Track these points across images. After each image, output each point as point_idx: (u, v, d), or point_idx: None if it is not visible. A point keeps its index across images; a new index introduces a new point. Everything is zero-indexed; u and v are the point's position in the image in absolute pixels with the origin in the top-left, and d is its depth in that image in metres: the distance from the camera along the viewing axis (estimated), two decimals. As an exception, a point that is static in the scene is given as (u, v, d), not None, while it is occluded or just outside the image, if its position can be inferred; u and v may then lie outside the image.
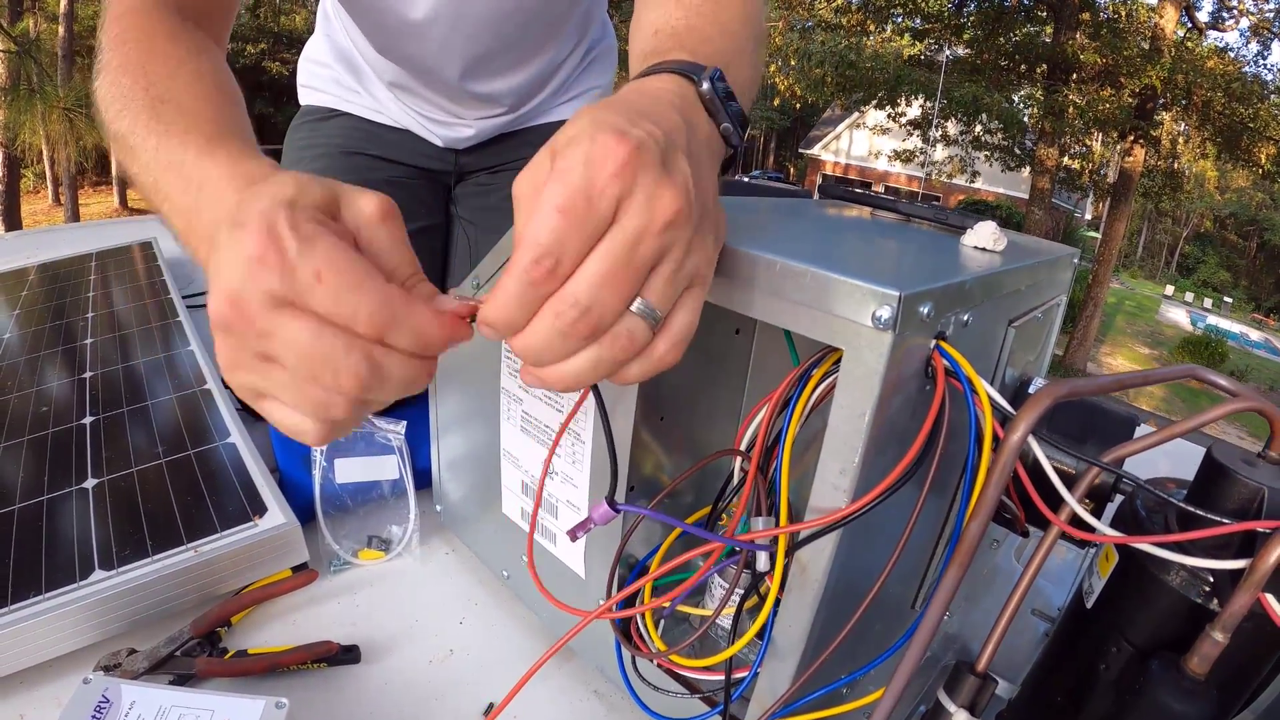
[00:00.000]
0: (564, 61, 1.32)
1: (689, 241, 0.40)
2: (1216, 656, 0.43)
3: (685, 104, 0.48)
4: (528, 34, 1.17)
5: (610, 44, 1.44)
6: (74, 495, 0.83)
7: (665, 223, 0.38)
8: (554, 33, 1.22)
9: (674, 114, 0.44)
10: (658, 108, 0.44)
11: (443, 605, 0.80)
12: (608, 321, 0.38)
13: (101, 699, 0.57)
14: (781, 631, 0.51)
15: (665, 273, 0.39)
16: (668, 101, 0.46)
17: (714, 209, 0.44)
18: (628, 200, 0.37)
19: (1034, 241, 0.81)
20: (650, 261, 0.38)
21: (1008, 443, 0.42)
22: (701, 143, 0.46)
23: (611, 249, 0.37)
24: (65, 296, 1.53)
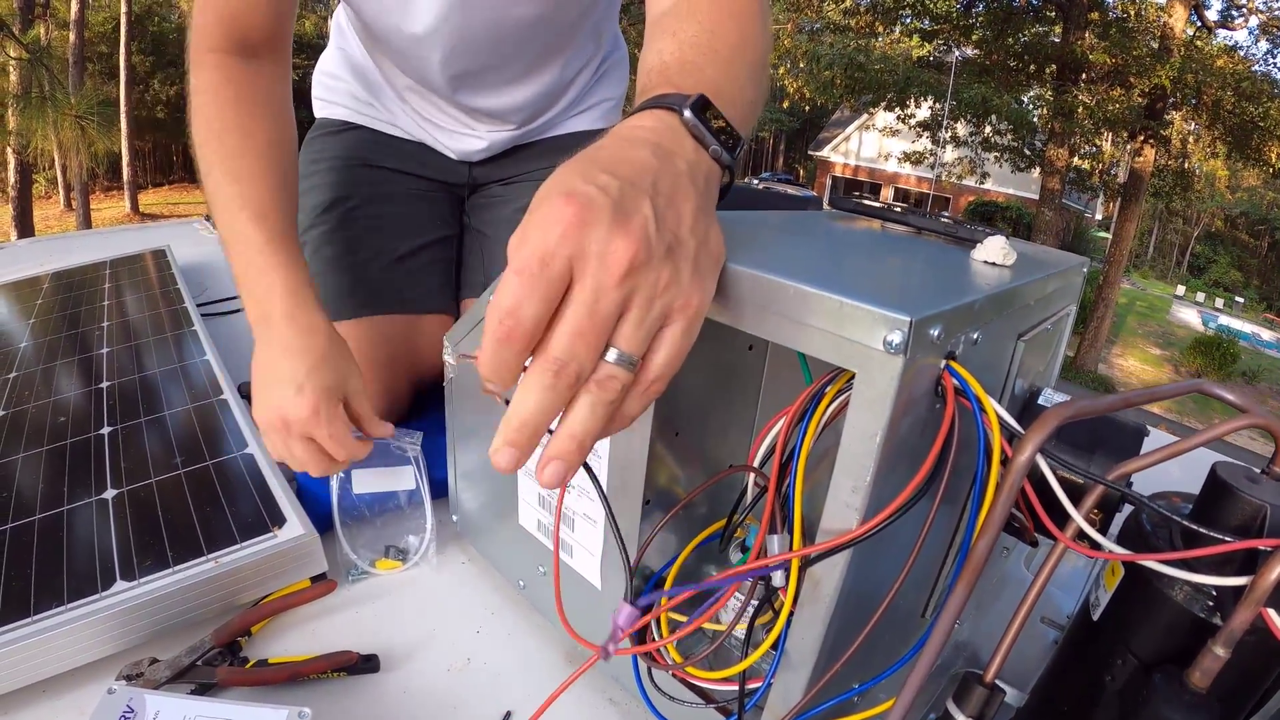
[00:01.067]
0: (575, 78, 1.32)
1: (655, 282, 0.42)
2: (1218, 670, 0.43)
3: (665, 136, 0.50)
4: (525, 52, 1.18)
5: (621, 55, 1.44)
6: (94, 506, 0.84)
7: (622, 274, 0.40)
8: (558, 50, 1.22)
9: (643, 152, 0.47)
10: (627, 150, 0.47)
11: (460, 614, 0.81)
12: (586, 372, 0.41)
13: (127, 709, 0.58)
14: (795, 643, 0.52)
15: (633, 319, 0.42)
16: (641, 139, 0.48)
17: (695, 236, 0.45)
18: (581, 259, 0.40)
19: (1044, 252, 0.81)
20: (615, 312, 0.41)
21: (1015, 463, 0.43)
22: (681, 173, 0.47)
23: (574, 308, 0.40)
24: (80, 305, 1.55)
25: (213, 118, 0.86)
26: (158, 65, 22.22)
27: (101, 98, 8.64)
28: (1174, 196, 14.03)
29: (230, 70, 0.89)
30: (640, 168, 0.45)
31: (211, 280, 1.92)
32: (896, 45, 14.11)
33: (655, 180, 0.45)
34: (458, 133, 1.29)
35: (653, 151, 0.47)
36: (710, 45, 0.66)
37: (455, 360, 0.41)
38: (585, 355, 0.40)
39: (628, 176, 0.43)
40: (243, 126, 0.86)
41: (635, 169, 0.45)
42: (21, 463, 0.94)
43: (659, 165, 0.46)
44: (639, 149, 0.47)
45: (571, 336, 0.40)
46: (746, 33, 0.70)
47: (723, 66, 0.65)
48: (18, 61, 8.05)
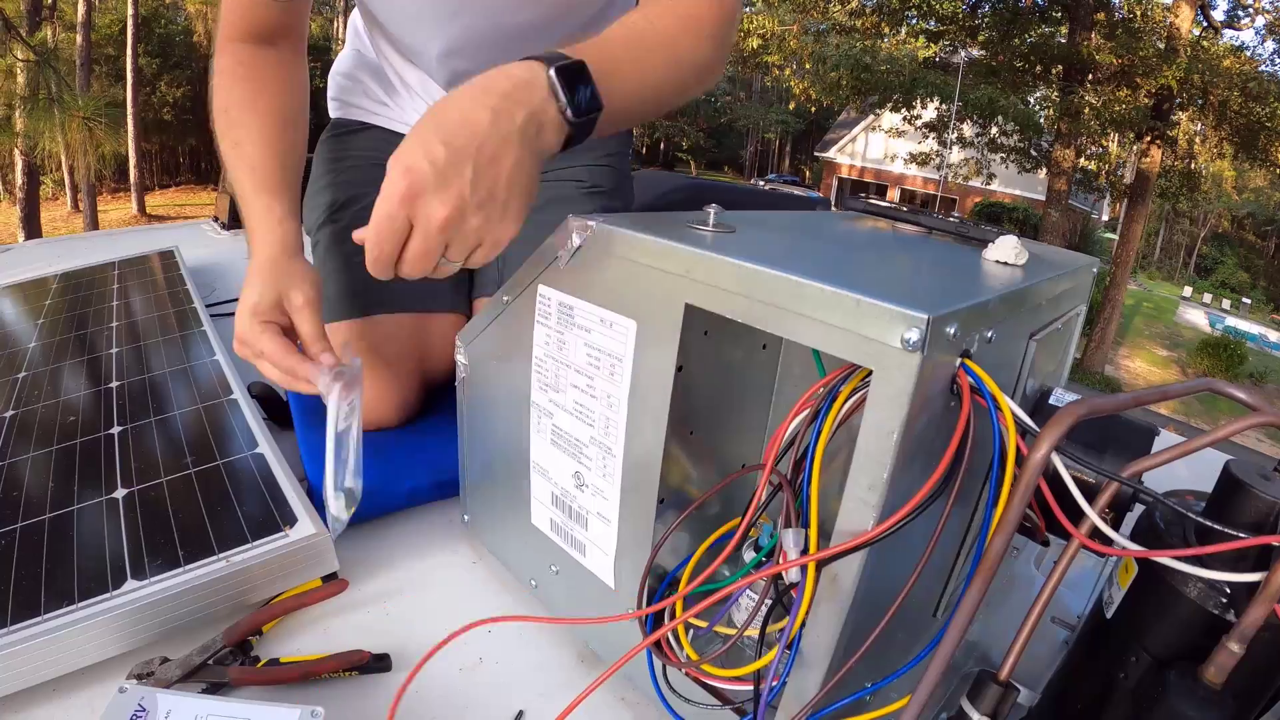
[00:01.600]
0: None
1: (468, 228, 0.62)
2: (1232, 667, 0.43)
3: (520, 87, 0.64)
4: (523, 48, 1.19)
5: None
6: (104, 505, 0.84)
7: (439, 229, 0.61)
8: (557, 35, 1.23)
9: (483, 114, 0.61)
10: (471, 111, 0.62)
11: (471, 614, 0.81)
12: (429, 269, 0.64)
13: (138, 708, 0.58)
14: (809, 642, 0.52)
15: (453, 250, 0.63)
16: (494, 91, 0.63)
17: (509, 186, 0.63)
18: (413, 218, 0.61)
19: (1054, 252, 0.81)
20: (439, 247, 0.62)
21: (1031, 461, 0.43)
22: (512, 131, 0.62)
23: (412, 244, 0.62)
24: (88, 306, 1.55)
25: (224, 95, 0.97)
26: (164, 67, 22.28)
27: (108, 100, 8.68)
28: (1181, 197, 14.00)
29: (244, 55, 1.00)
30: (473, 133, 0.61)
31: (220, 281, 1.93)
32: (902, 46, 14.10)
33: (482, 143, 0.61)
34: None
35: (493, 111, 0.62)
36: (641, 34, 0.79)
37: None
38: (425, 265, 0.63)
39: (459, 145, 0.60)
40: (246, 99, 0.97)
41: (468, 135, 0.60)
42: (31, 462, 0.94)
43: (490, 127, 0.61)
44: (481, 110, 0.61)
45: (412, 261, 0.63)
46: (685, 36, 0.82)
47: (640, 52, 0.78)
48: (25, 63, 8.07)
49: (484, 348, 0.78)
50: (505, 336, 0.74)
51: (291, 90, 1.03)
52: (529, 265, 0.68)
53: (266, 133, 0.96)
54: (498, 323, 0.75)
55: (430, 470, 0.99)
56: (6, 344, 1.40)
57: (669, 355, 0.57)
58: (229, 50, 1.00)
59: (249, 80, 0.99)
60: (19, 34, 8.02)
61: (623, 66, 0.74)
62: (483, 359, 0.79)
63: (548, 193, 1.35)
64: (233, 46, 1.00)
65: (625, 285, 0.59)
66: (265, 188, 0.92)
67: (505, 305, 0.73)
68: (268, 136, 0.96)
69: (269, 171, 0.93)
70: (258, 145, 0.94)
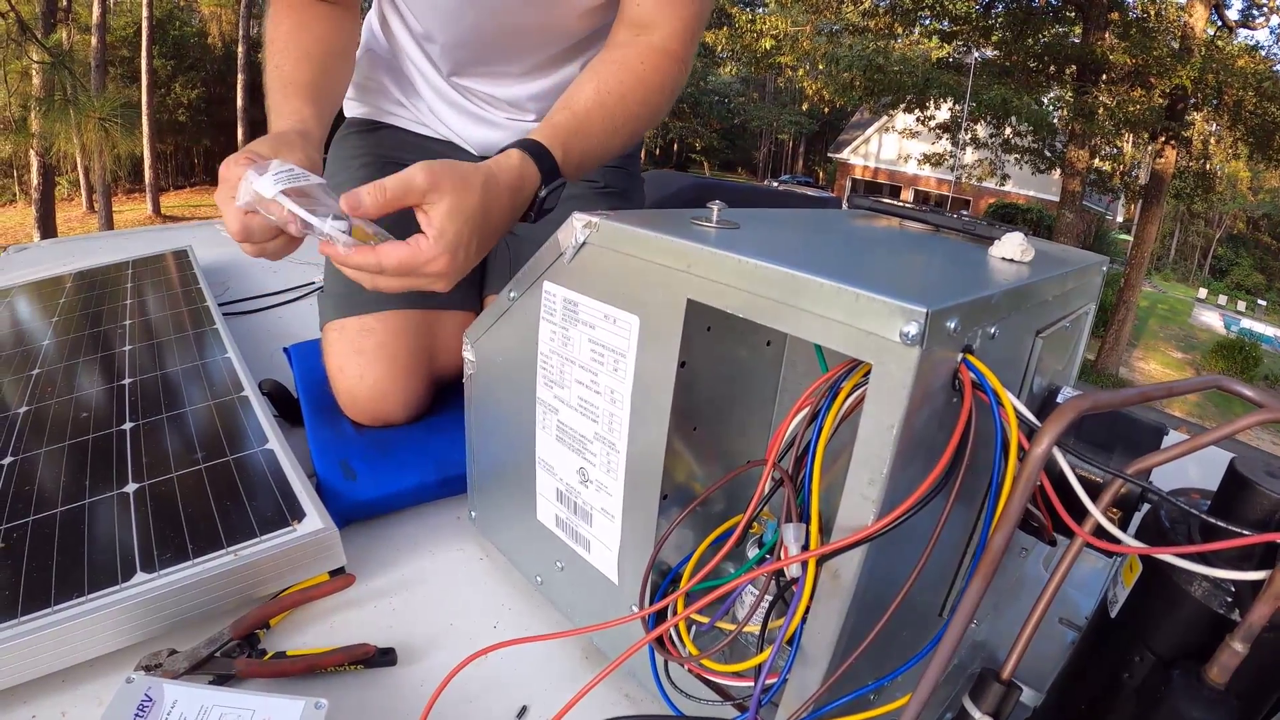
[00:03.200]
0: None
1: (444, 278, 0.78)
2: (1236, 666, 0.43)
3: (523, 182, 0.86)
4: (534, 53, 1.24)
5: None
6: (115, 499, 0.85)
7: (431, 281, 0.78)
8: (574, 51, 1.25)
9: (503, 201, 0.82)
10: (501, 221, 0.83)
11: (477, 609, 0.82)
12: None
13: (145, 698, 0.59)
14: (811, 638, 0.52)
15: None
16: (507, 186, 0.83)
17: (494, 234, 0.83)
18: (416, 280, 0.77)
19: (1062, 250, 0.81)
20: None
21: (1032, 455, 0.43)
22: (511, 208, 0.85)
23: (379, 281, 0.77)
24: (102, 304, 1.56)
25: (271, 29, 1.04)
26: (179, 69, 22.42)
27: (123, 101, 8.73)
28: (1195, 198, 13.91)
29: (292, 7, 1.05)
30: (495, 225, 0.82)
31: (233, 280, 1.94)
32: (915, 47, 14.06)
33: (495, 224, 0.82)
34: (480, 116, 1.31)
35: (509, 200, 0.83)
36: (611, 111, 0.97)
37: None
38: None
39: (484, 235, 0.80)
40: (291, 31, 1.03)
41: (491, 226, 0.81)
42: (44, 457, 0.95)
43: (503, 214, 0.83)
44: (500, 200, 0.81)
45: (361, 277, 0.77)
46: (647, 105, 1.01)
47: (606, 134, 0.97)
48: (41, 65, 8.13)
49: (491, 345, 0.79)
50: (511, 333, 0.74)
51: (337, 33, 1.07)
52: (535, 262, 0.68)
53: (308, 59, 1.00)
54: (504, 320, 0.75)
55: (437, 467, 0.99)
56: (22, 341, 1.41)
57: (671, 351, 0.57)
58: (280, 6, 1.05)
59: (296, 17, 1.04)
60: (34, 36, 8.07)
61: (591, 150, 0.96)
62: (489, 356, 0.79)
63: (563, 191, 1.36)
64: (285, 4, 1.05)
65: (628, 281, 0.59)
66: (298, 95, 0.95)
67: (512, 302, 0.73)
68: (309, 60, 1.00)
69: (302, 84, 0.97)
70: (297, 65, 0.99)
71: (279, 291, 1.87)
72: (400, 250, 0.74)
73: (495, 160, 0.84)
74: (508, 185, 0.82)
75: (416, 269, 0.75)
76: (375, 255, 0.74)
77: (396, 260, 0.74)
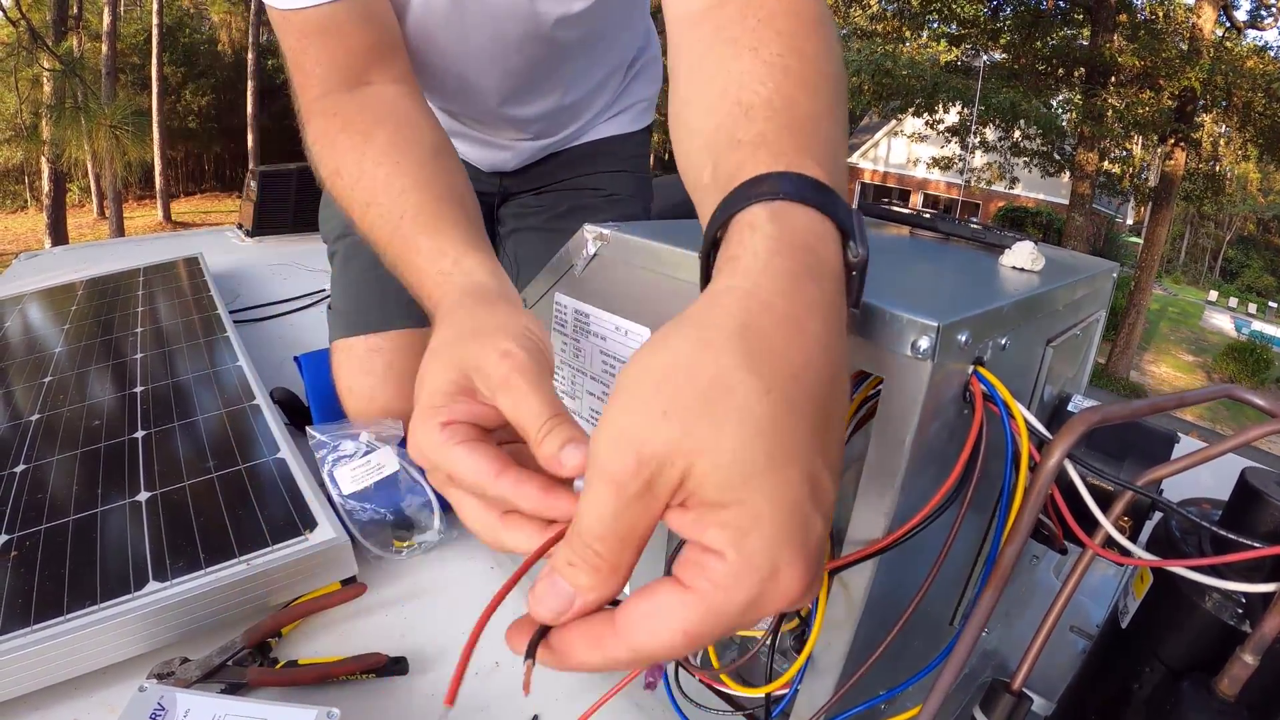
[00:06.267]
0: (607, 82, 1.31)
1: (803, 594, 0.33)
2: (1247, 678, 0.43)
3: (824, 272, 0.38)
4: (564, 70, 1.17)
5: (654, 53, 1.41)
6: (127, 508, 0.85)
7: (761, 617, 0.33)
8: (593, 64, 1.22)
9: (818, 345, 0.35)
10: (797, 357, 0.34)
11: (487, 618, 0.81)
12: None
13: (158, 706, 0.59)
14: (822, 649, 0.52)
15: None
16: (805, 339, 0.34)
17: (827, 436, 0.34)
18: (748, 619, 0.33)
19: (1072, 257, 0.81)
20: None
21: (1043, 468, 0.43)
22: (814, 333, 0.35)
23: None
24: (113, 311, 1.57)
25: (329, 159, 0.75)
26: (189, 76, 22.55)
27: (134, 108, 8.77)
28: (1205, 200, 13.86)
29: (336, 106, 0.78)
30: (815, 378, 0.34)
31: (244, 287, 1.95)
32: (924, 50, 14.06)
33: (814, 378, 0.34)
34: (488, 143, 1.29)
35: (808, 313, 0.35)
36: (802, 72, 0.51)
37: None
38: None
39: (828, 501, 0.33)
40: (355, 147, 0.73)
41: (811, 390, 0.33)
42: (56, 465, 0.95)
43: (812, 343, 0.34)
44: (792, 328, 0.34)
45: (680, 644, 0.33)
46: (829, 44, 0.55)
47: (824, 106, 0.50)
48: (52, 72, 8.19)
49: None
50: (522, 343, 0.74)
51: (412, 120, 0.79)
52: (545, 274, 0.68)
53: (402, 170, 0.70)
54: (514, 329, 0.75)
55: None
56: (34, 349, 1.42)
57: (683, 362, 0.57)
58: (317, 111, 0.79)
59: (351, 127, 0.75)
60: (45, 43, 8.13)
61: (823, 125, 0.49)
62: (500, 365, 0.79)
63: (569, 201, 1.35)
64: (320, 105, 0.79)
65: (639, 293, 0.60)
66: (423, 229, 0.65)
67: (521, 311, 0.73)
68: (405, 173, 0.70)
69: (421, 209, 0.67)
70: (391, 189, 0.69)
71: (290, 299, 1.88)
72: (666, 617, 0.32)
73: (734, 260, 0.38)
74: (789, 290, 0.35)
75: (738, 626, 0.32)
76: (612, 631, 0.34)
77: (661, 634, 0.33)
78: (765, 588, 0.31)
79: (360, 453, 0.91)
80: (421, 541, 0.90)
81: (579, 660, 0.35)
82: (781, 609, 0.32)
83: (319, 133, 0.77)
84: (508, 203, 1.39)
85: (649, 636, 0.32)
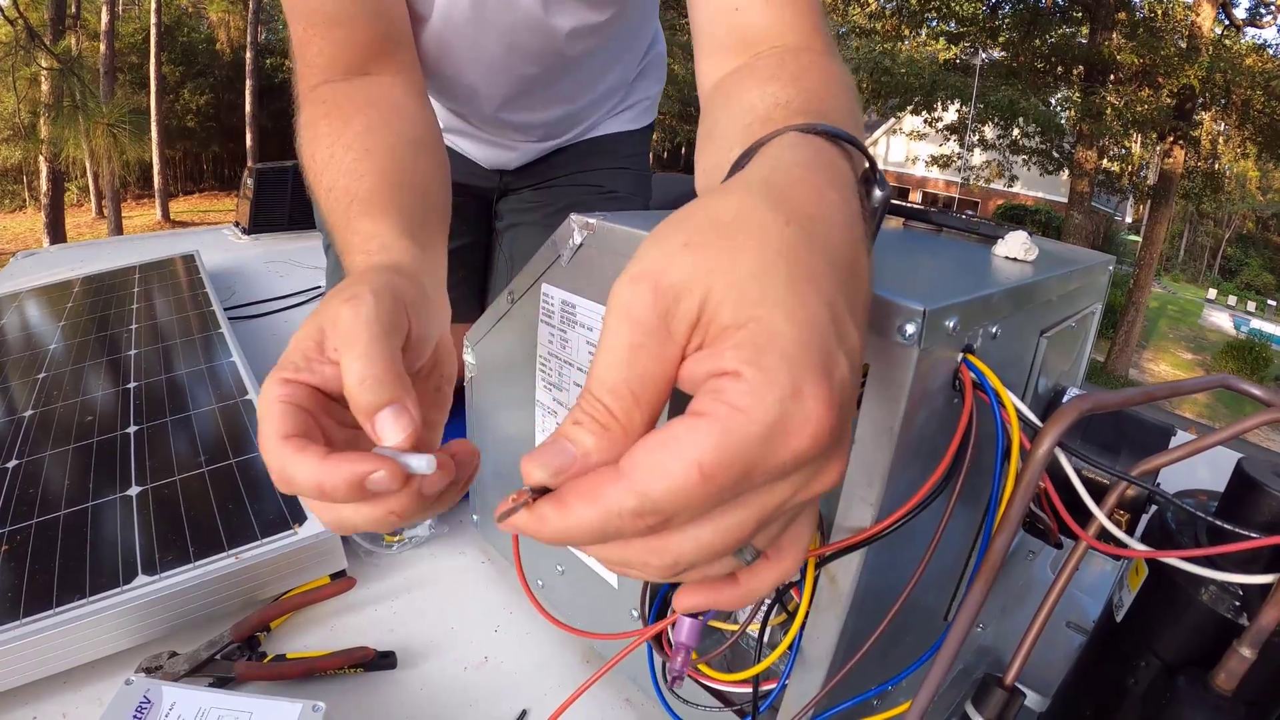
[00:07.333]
0: (612, 91, 1.30)
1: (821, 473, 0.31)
2: (1244, 672, 0.42)
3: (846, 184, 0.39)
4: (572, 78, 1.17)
5: (660, 51, 1.41)
6: (118, 502, 0.85)
7: (817, 492, 0.32)
8: (603, 70, 1.22)
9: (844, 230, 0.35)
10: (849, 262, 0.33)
11: (478, 613, 0.81)
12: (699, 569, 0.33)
13: (143, 699, 0.59)
14: (810, 642, 0.51)
15: (781, 523, 0.34)
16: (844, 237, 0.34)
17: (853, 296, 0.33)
18: (792, 475, 0.30)
19: (1068, 249, 0.80)
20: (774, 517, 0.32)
21: (1033, 456, 0.43)
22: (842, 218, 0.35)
23: (738, 521, 0.30)
24: (109, 308, 1.56)
25: (309, 146, 0.71)
26: (187, 75, 22.53)
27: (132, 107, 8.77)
28: (1204, 198, 13.88)
29: (328, 94, 0.75)
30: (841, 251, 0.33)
31: (239, 284, 1.95)
32: (922, 48, 14.05)
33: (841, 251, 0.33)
34: (493, 143, 1.28)
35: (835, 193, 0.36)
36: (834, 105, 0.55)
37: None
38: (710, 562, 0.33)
39: (837, 283, 0.31)
40: (332, 132, 0.70)
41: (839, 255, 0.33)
42: (49, 460, 0.95)
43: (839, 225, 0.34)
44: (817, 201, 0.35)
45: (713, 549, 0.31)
46: (858, 103, 0.59)
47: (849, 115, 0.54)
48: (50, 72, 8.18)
49: (490, 348, 0.78)
50: (511, 336, 0.74)
51: (396, 108, 0.77)
52: (533, 265, 0.68)
53: (371, 155, 0.67)
54: (503, 322, 0.75)
55: (440, 471, 0.99)
56: (29, 345, 1.41)
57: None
58: (309, 100, 0.76)
59: (335, 113, 0.72)
60: (43, 42, 8.13)
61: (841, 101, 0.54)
62: (489, 359, 0.79)
63: (568, 198, 1.34)
64: (314, 94, 0.76)
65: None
66: (367, 214, 0.62)
67: (511, 305, 0.73)
68: (372, 159, 0.67)
69: (372, 195, 0.64)
70: (352, 174, 0.65)
71: (284, 296, 1.87)
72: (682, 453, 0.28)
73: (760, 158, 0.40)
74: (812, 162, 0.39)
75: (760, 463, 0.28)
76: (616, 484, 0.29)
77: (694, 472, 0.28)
78: (787, 408, 0.27)
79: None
80: (412, 536, 0.90)
81: (575, 519, 0.30)
82: (806, 446, 0.28)
83: (306, 119, 0.74)
84: (507, 197, 1.38)
85: (658, 475, 0.28)
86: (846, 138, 0.42)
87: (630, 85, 1.37)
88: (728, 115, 0.57)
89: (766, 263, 0.30)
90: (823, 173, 0.37)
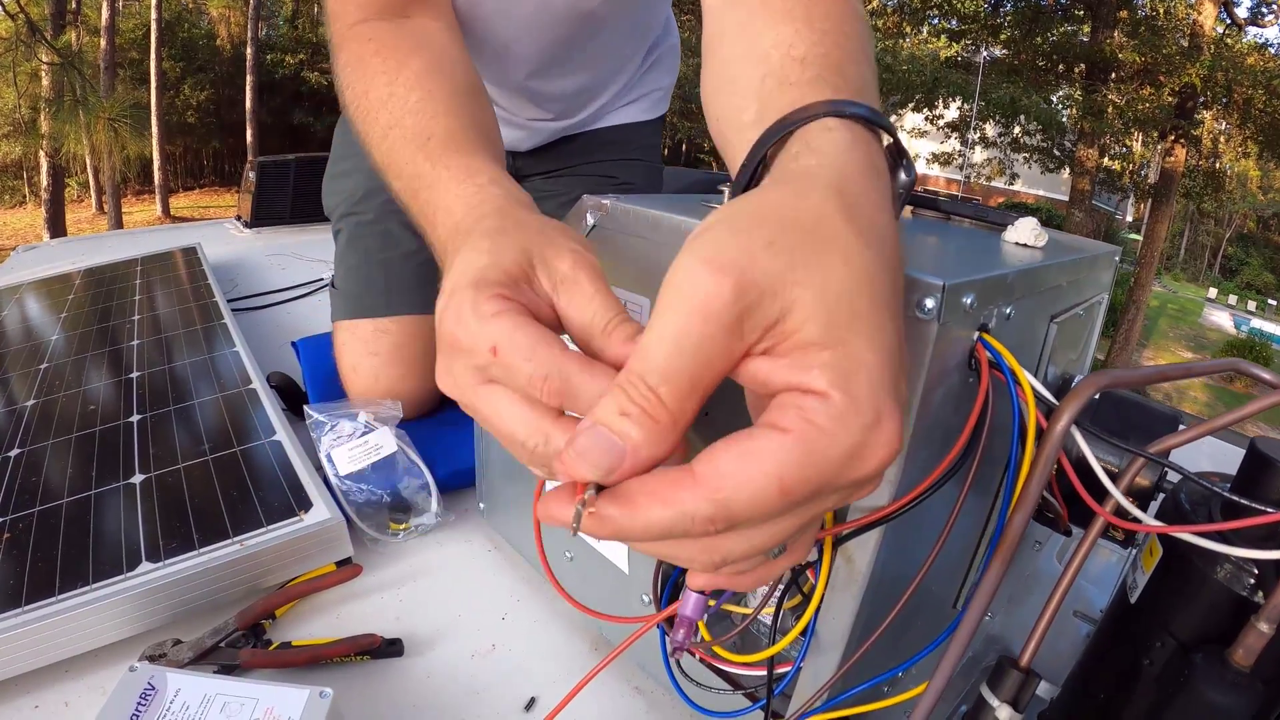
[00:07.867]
0: (624, 66, 1.30)
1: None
2: (1261, 649, 0.42)
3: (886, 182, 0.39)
4: (587, 43, 1.16)
5: (673, 42, 1.41)
6: (121, 490, 0.84)
7: (858, 499, 0.34)
8: (615, 40, 1.21)
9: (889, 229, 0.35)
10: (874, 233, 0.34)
11: (485, 600, 0.81)
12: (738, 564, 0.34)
13: (147, 686, 0.58)
14: (825, 626, 0.51)
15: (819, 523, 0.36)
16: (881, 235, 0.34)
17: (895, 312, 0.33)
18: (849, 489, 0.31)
19: (1075, 239, 0.80)
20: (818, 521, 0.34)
21: (1051, 432, 0.42)
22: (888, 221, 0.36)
23: (790, 526, 0.32)
24: (111, 300, 1.56)
25: (358, 83, 0.70)
26: (188, 70, 22.48)
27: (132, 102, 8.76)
28: (1205, 197, 13.86)
29: (372, 32, 0.73)
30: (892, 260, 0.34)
31: (242, 276, 1.94)
32: (924, 46, 14.05)
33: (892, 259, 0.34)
34: (507, 120, 1.27)
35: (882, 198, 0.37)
36: (849, 46, 0.52)
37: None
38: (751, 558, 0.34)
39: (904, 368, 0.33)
40: (389, 71, 0.68)
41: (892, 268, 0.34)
42: (51, 449, 0.94)
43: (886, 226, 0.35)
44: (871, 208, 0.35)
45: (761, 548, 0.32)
46: (868, 32, 0.57)
47: (870, 81, 0.52)
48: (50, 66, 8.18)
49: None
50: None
51: (450, 54, 0.75)
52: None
53: (435, 97, 0.65)
54: (513, 307, 0.74)
55: (447, 459, 0.99)
56: (30, 337, 1.41)
57: (682, 333, 0.56)
58: (350, 37, 0.74)
59: (387, 52, 0.70)
60: (44, 37, 8.12)
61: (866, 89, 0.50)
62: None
63: (579, 187, 1.34)
64: (355, 31, 0.74)
65: (638, 263, 0.59)
66: (457, 150, 0.60)
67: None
68: (438, 100, 0.65)
69: (451, 133, 0.62)
70: (422, 114, 0.63)
71: (287, 288, 1.87)
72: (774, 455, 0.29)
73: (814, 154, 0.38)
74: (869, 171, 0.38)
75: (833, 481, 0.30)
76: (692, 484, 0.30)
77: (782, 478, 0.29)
78: (869, 436, 0.29)
79: (358, 433, 0.90)
80: (418, 524, 0.89)
81: (643, 521, 0.30)
82: (875, 469, 0.30)
83: (351, 57, 0.72)
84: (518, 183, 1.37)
85: (739, 484, 0.28)
86: (881, 124, 0.42)
87: (644, 72, 1.37)
88: (738, 57, 0.54)
89: (854, 285, 0.31)
90: (876, 182, 0.37)
